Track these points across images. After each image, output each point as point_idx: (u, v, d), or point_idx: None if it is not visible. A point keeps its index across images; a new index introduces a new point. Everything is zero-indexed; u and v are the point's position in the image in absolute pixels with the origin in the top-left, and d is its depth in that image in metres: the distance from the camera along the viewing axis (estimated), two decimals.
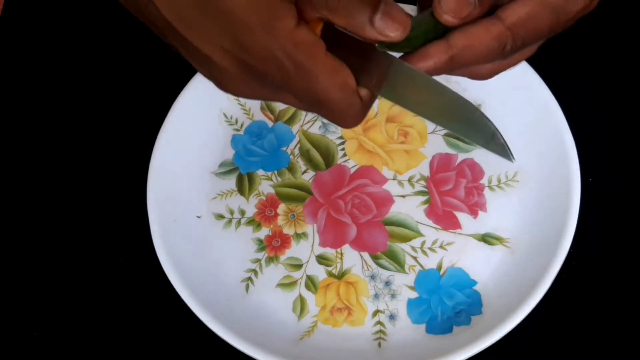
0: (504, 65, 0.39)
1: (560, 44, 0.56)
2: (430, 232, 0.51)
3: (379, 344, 0.47)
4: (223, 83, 0.35)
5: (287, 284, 0.50)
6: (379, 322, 0.48)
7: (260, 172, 0.53)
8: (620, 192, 0.51)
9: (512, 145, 0.51)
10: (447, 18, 0.34)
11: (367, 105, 0.35)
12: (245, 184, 0.53)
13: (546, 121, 0.51)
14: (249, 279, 0.50)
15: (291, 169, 0.53)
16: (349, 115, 0.34)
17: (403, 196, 0.52)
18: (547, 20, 0.36)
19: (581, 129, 0.50)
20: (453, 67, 0.35)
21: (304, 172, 0.53)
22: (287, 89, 0.33)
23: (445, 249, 0.50)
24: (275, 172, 0.53)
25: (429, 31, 0.35)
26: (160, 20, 0.33)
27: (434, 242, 0.50)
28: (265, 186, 0.53)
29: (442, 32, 0.35)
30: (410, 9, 0.49)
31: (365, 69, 0.34)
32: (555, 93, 0.51)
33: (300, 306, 0.49)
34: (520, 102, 0.52)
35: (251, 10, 0.31)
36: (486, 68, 0.38)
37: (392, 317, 0.48)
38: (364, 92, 0.34)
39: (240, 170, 0.53)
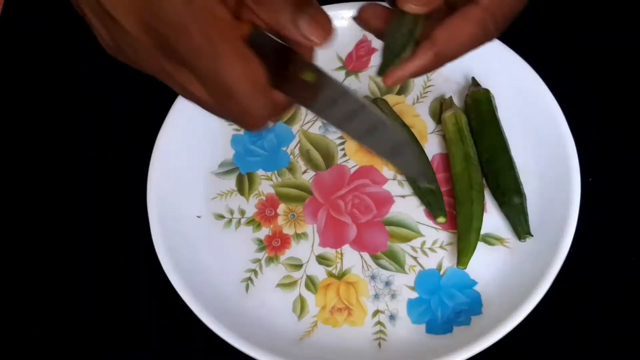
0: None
1: (561, 45, 0.57)
2: (431, 232, 0.51)
3: (379, 344, 0.47)
4: (133, 54, 0.33)
5: (287, 284, 0.50)
6: (379, 322, 0.48)
7: (260, 172, 0.53)
8: (621, 192, 0.51)
9: (512, 145, 0.51)
10: (411, 7, 0.34)
11: (276, 110, 0.34)
12: (245, 184, 0.53)
13: (547, 121, 0.51)
14: (249, 279, 0.50)
15: (291, 169, 0.53)
16: (252, 114, 0.33)
17: (403, 196, 0.52)
18: None
19: (581, 129, 0.50)
20: (441, 61, 0.35)
21: (304, 172, 0.53)
22: (192, 66, 0.31)
23: (445, 249, 0.50)
24: (275, 172, 0.53)
25: (412, 30, 0.35)
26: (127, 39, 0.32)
27: (434, 242, 0.50)
28: (266, 186, 0.53)
29: (423, 28, 0.35)
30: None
31: (288, 77, 0.33)
32: (556, 93, 0.51)
33: (300, 306, 0.49)
34: (521, 102, 0.52)
35: None
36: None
37: (392, 317, 0.48)
38: (277, 95, 0.33)
39: (240, 170, 0.53)
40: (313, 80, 0.33)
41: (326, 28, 0.32)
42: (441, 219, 0.50)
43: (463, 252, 0.48)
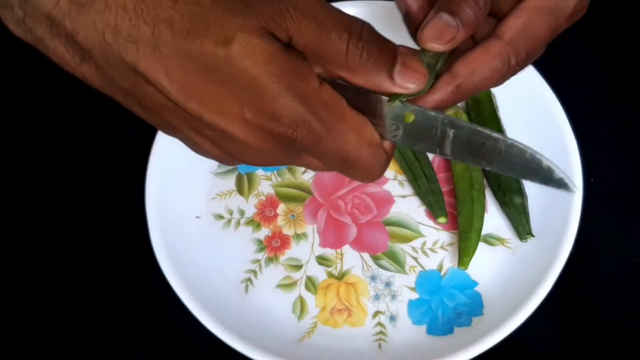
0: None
1: (563, 44, 0.56)
2: (431, 233, 0.50)
3: (379, 345, 0.47)
4: (240, 156, 0.33)
5: (287, 285, 0.49)
6: (379, 323, 0.48)
7: (260, 172, 0.53)
8: (622, 192, 0.51)
9: None
10: (433, 45, 0.34)
11: (390, 156, 0.34)
12: (244, 184, 0.53)
13: (548, 121, 0.50)
14: (249, 279, 0.50)
15: (291, 168, 0.53)
16: (377, 170, 0.34)
17: (403, 196, 0.52)
18: (545, 25, 0.36)
19: (582, 128, 0.50)
20: (462, 95, 0.35)
21: (304, 172, 0.53)
22: (313, 151, 0.32)
23: (446, 249, 0.50)
24: (275, 172, 0.53)
25: (430, 64, 0.34)
26: (156, 100, 0.31)
27: (435, 243, 0.50)
28: (265, 186, 0.53)
29: (445, 62, 0.35)
30: None
31: (374, 117, 0.33)
32: (557, 93, 0.51)
33: (300, 307, 0.49)
34: (522, 101, 0.52)
35: (275, 75, 0.29)
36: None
37: (392, 318, 0.48)
38: (386, 144, 0.34)
39: (240, 170, 0.53)
40: (412, 121, 0.34)
41: (421, 71, 0.32)
42: (442, 219, 0.50)
43: (464, 253, 0.48)
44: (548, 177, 0.34)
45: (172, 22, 0.29)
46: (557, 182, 0.34)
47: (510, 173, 0.35)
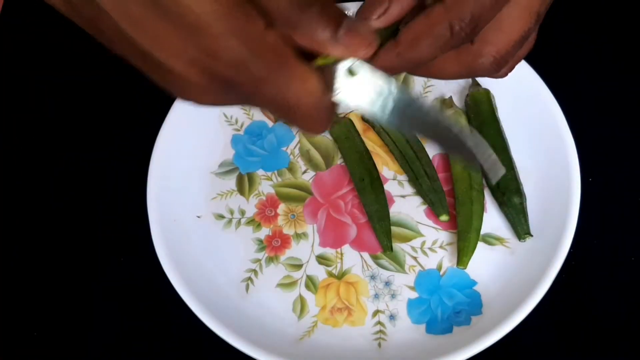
0: (474, 63, 0.37)
1: (561, 44, 0.57)
2: (430, 232, 0.51)
3: (379, 344, 0.47)
4: (186, 93, 0.33)
5: (287, 284, 0.50)
6: (379, 322, 0.48)
7: (260, 172, 0.53)
8: (620, 192, 0.51)
9: (512, 145, 0.51)
10: (371, 23, 0.34)
11: (333, 110, 0.34)
12: (245, 184, 0.53)
13: (546, 121, 0.51)
14: (249, 279, 0.50)
15: (291, 169, 0.53)
16: (319, 121, 0.33)
17: (403, 196, 0.52)
18: None
19: (581, 129, 0.50)
20: (407, 62, 0.34)
21: (304, 172, 0.53)
22: (255, 95, 0.31)
23: (445, 249, 0.50)
24: (275, 172, 0.53)
25: (381, 34, 0.34)
26: (113, 32, 0.31)
27: (434, 242, 0.50)
28: (265, 186, 0.53)
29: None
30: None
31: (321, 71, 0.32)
32: (556, 93, 0.51)
33: (300, 306, 0.49)
34: (521, 102, 0.52)
35: (219, 15, 0.29)
36: (450, 64, 0.37)
37: (392, 317, 0.48)
38: (330, 97, 0.33)
39: (240, 170, 0.53)
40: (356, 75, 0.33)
41: (368, 37, 0.32)
42: (444, 217, 0.50)
43: (463, 252, 0.48)
44: (470, 158, 0.34)
45: None
46: (480, 166, 0.34)
47: (439, 145, 0.35)
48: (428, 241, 0.50)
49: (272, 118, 0.55)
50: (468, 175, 0.50)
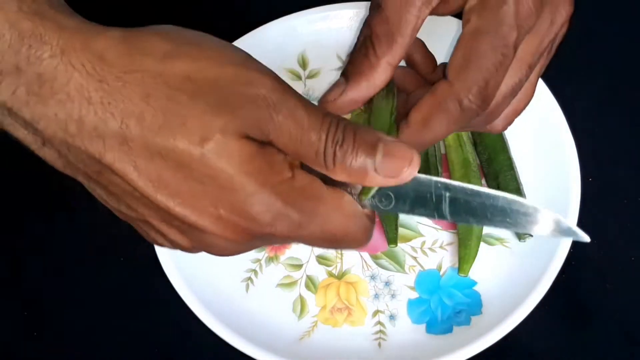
0: (508, 107, 0.37)
1: (561, 44, 0.56)
2: (430, 232, 0.51)
3: (379, 344, 0.47)
4: (211, 248, 0.32)
5: (287, 284, 0.50)
6: (379, 322, 0.48)
7: None
8: (620, 191, 0.51)
9: (512, 145, 0.51)
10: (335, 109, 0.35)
11: (374, 221, 0.33)
12: None
13: (546, 121, 0.51)
14: (249, 278, 0.50)
15: None
16: (364, 238, 0.32)
17: None
18: (487, 47, 0.33)
19: (582, 128, 0.50)
20: (425, 141, 0.34)
21: None
22: (296, 238, 0.31)
23: (445, 249, 0.50)
24: None
25: (384, 109, 0.34)
26: (123, 188, 0.30)
27: (434, 242, 0.50)
28: None
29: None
30: None
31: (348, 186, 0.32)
32: (556, 93, 0.51)
33: (300, 306, 0.49)
34: None
35: (250, 174, 0.28)
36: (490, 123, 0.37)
37: (392, 317, 0.48)
38: (367, 210, 0.32)
39: None
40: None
41: (408, 156, 0.30)
42: None
43: (464, 260, 0.48)
44: (556, 229, 0.33)
45: (143, 117, 0.27)
46: (566, 232, 0.33)
47: (515, 229, 0.33)
48: (428, 241, 0.50)
49: None
50: (467, 181, 0.50)
